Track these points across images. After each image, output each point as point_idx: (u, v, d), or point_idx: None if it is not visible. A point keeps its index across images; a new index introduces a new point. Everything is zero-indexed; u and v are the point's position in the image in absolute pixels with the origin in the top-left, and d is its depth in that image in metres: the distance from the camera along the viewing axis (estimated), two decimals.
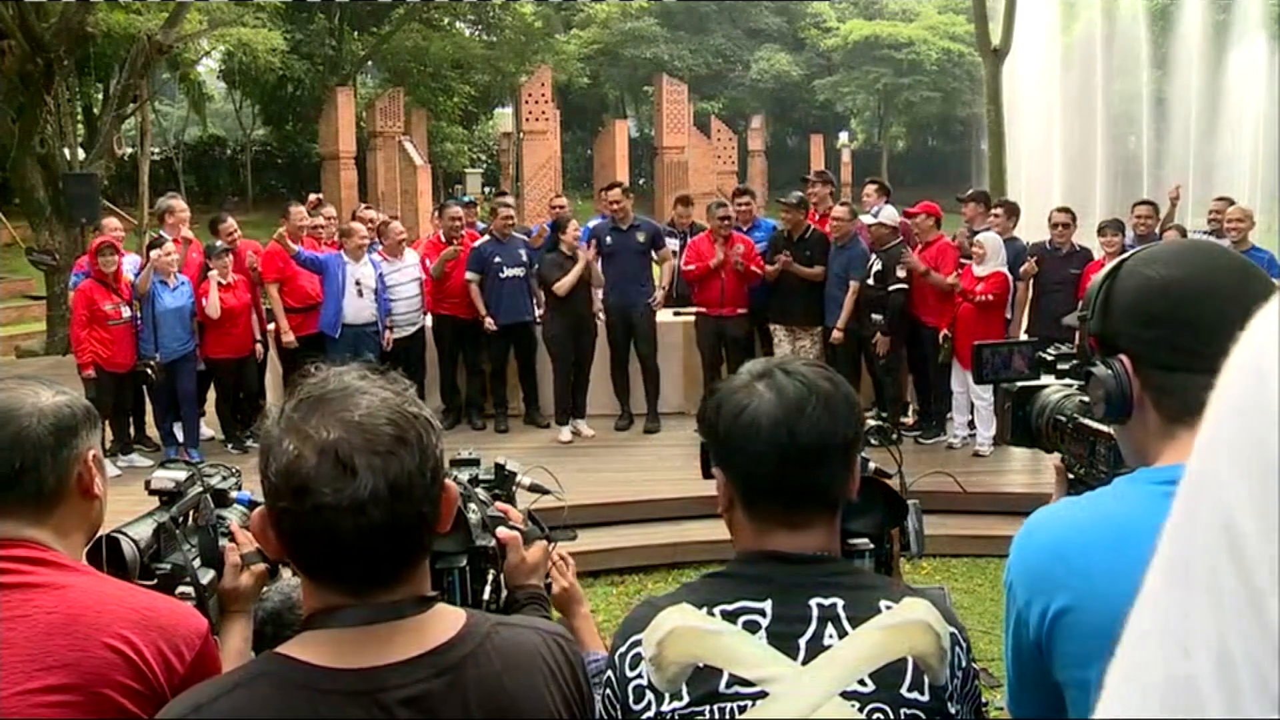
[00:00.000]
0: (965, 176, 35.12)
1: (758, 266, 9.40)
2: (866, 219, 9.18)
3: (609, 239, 9.68)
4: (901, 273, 8.75)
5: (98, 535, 1.90)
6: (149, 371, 8.55)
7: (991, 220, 9.35)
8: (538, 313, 9.75)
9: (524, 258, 9.65)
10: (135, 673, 1.63)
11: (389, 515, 1.31)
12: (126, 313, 8.54)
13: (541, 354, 9.79)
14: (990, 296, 8.51)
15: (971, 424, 8.95)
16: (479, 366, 9.90)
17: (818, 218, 9.90)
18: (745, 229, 9.81)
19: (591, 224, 10.36)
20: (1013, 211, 9.54)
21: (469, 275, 9.53)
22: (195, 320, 8.83)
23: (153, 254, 8.68)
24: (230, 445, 9.21)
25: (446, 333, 9.78)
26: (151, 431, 9.28)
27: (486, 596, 2.10)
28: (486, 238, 9.75)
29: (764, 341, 9.74)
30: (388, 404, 1.36)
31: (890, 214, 9.11)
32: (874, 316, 8.93)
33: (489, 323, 9.51)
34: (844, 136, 41.68)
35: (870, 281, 8.90)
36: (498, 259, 9.55)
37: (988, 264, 8.63)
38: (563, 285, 9.22)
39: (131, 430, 9.16)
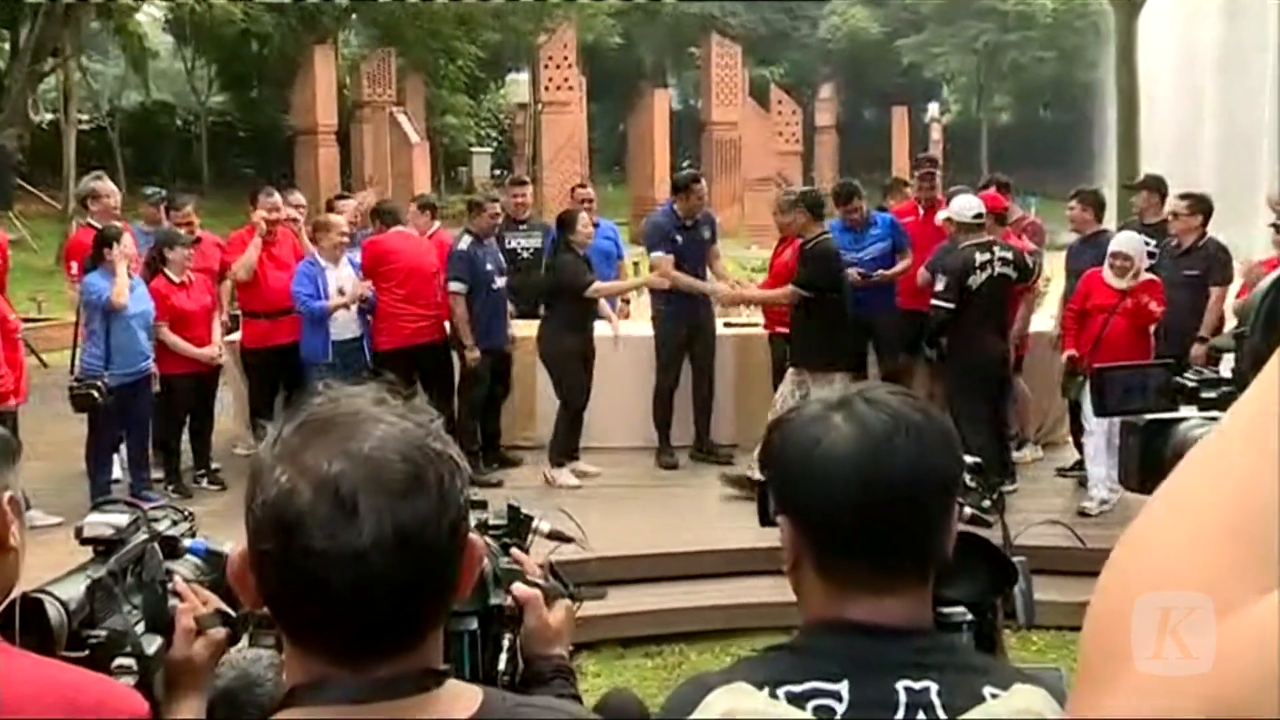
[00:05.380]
0: (1086, 156, 34.78)
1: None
2: (940, 215, 9.09)
3: (678, 238, 9.71)
4: (940, 285, 8.49)
5: (11, 596, 1.89)
6: (95, 394, 8.28)
7: (1070, 214, 9.41)
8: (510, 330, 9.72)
9: (503, 264, 9.61)
10: None
11: (393, 570, 1.31)
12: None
13: (523, 381, 9.91)
14: (1156, 304, 8.25)
15: (1114, 479, 8.63)
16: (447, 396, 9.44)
17: (922, 212, 9.85)
18: (859, 231, 9.73)
19: (654, 218, 10.38)
20: (1093, 202, 9.55)
21: (456, 286, 9.16)
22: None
23: (110, 252, 8.39)
24: (170, 486, 9.03)
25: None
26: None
27: (502, 667, 2.10)
28: (469, 238, 9.38)
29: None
30: (406, 437, 1.37)
31: (964, 205, 8.76)
32: (928, 352, 8.81)
33: (473, 355, 9.22)
34: (934, 108, 41.58)
35: (940, 301, 8.55)
36: (489, 266, 9.38)
37: (1138, 271, 8.41)
38: (606, 288, 9.33)
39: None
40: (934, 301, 8.52)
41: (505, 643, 2.09)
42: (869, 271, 9.52)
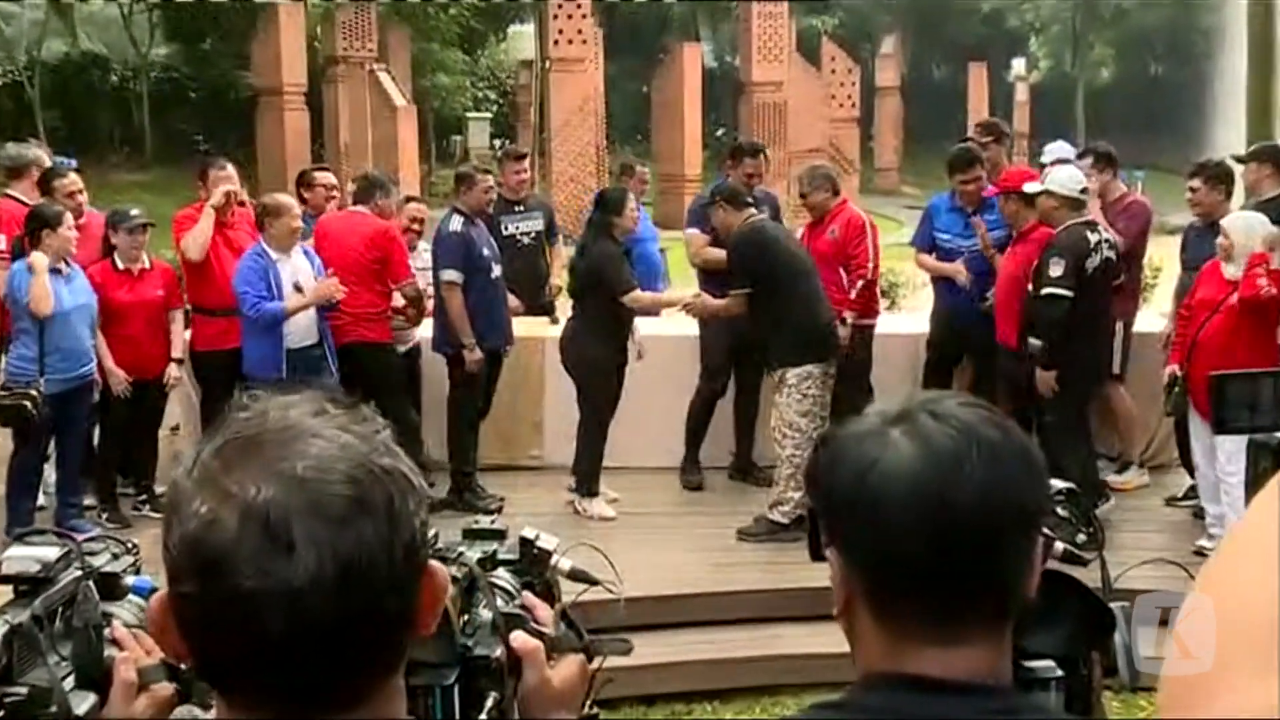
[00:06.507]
0: (1206, 121, 34.63)
1: None
2: (1031, 187, 9.07)
3: None
4: (1057, 270, 8.36)
5: None
6: (28, 405, 8.25)
7: (1192, 196, 9.29)
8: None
9: (496, 249, 9.60)
10: None
11: (336, 609, 1.30)
12: None
13: (529, 389, 9.91)
14: (1275, 289, 8.13)
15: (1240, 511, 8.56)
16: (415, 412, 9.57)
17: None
18: (974, 212, 9.67)
19: (703, 193, 10.39)
20: (1222, 178, 9.35)
21: (449, 275, 9.11)
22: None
23: (44, 239, 8.36)
24: (105, 514, 9.10)
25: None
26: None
27: None
28: (459, 218, 9.32)
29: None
30: (348, 452, 1.36)
31: (1069, 178, 8.80)
32: (1032, 342, 8.62)
33: (475, 356, 9.13)
34: (1019, 65, 41.52)
35: (1057, 289, 8.43)
36: (485, 251, 9.35)
37: (1240, 259, 8.37)
38: (647, 299, 9.39)
39: None
40: (1048, 290, 8.37)
41: (489, 701, 2.07)
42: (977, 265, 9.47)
